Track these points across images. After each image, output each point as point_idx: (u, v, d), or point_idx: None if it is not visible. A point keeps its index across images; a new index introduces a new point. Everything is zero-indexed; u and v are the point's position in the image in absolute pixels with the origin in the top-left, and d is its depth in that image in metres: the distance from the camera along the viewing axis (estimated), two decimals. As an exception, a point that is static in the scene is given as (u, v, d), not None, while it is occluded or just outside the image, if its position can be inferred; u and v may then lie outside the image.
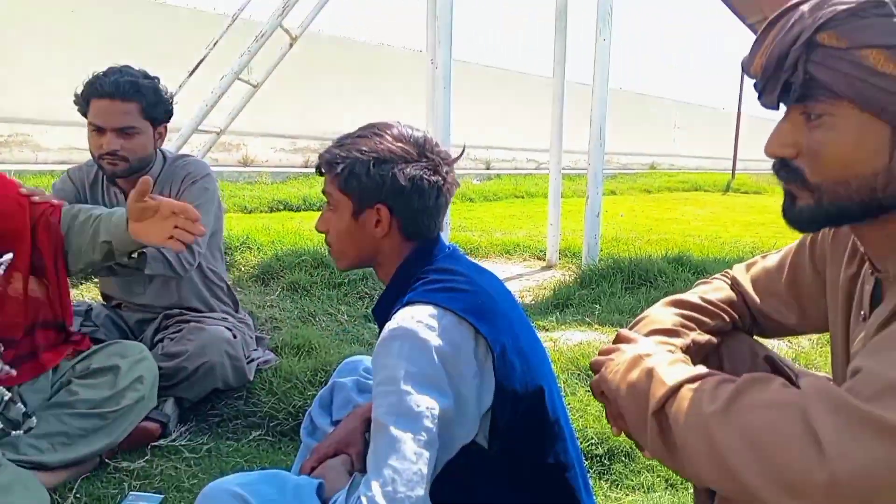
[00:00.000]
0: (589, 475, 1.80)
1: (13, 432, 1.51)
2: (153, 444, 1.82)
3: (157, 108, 1.99)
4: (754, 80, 0.86)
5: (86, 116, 1.97)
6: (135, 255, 1.74)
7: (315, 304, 3.09)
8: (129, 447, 1.78)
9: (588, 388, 2.23)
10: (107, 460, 1.72)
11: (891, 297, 0.84)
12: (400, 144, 1.17)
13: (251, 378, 2.08)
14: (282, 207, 6.96)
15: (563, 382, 2.20)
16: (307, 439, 1.53)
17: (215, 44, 4.32)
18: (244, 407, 2.00)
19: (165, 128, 2.08)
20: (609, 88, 4.11)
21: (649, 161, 19.23)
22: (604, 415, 1.03)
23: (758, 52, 0.85)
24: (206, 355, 1.93)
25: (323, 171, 1.22)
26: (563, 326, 2.91)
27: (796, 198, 0.86)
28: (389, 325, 1.08)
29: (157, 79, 2.04)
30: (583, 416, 1.99)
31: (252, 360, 2.13)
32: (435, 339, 1.05)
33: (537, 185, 10.12)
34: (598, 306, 3.21)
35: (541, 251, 4.66)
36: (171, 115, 2.07)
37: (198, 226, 1.55)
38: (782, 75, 0.80)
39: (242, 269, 3.55)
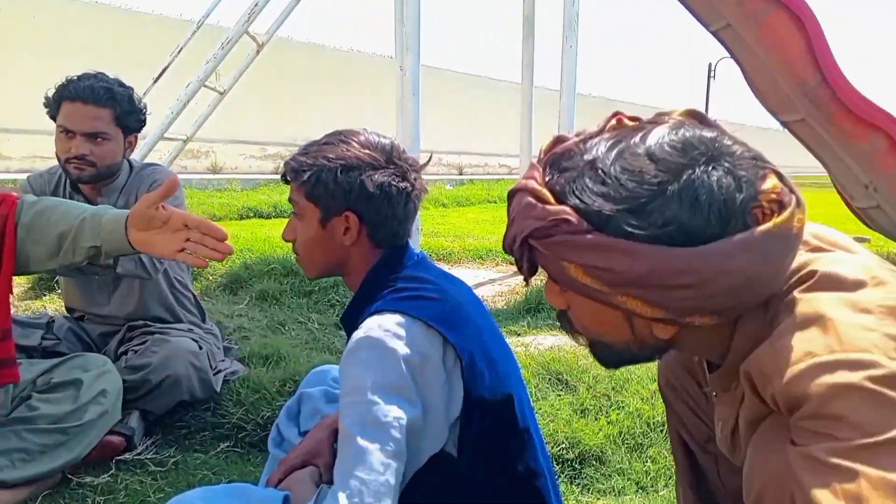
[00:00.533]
0: (559, 480, 1.81)
1: None
2: (118, 458, 1.78)
3: (129, 116, 1.97)
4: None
5: (54, 119, 1.93)
6: None
7: (285, 312, 3.06)
8: (93, 461, 1.73)
9: (559, 393, 2.25)
10: (69, 475, 1.68)
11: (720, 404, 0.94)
12: (367, 151, 1.17)
13: (218, 389, 2.05)
14: (252, 215, 6.89)
15: (535, 387, 2.21)
16: (275, 451, 1.51)
17: (180, 50, 4.27)
18: (211, 419, 1.97)
19: (136, 138, 2.05)
20: (577, 94, 4.16)
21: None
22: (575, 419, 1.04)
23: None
24: (171, 367, 1.90)
25: (289, 178, 1.21)
26: (534, 331, 2.93)
27: (597, 349, 0.91)
28: (357, 335, 1.07)
29: (132, 88, 2.02)
30: (553, 420, 2.00)
31: (219, 371, 2.10)
32: (402, 348, 1.04)
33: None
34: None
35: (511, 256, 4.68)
36: (144, 125, 2.04)
37: (227, 245, 1.40)
38: (520, 259, 0.85)
39: (210, 277, 3.50)
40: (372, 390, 1.00)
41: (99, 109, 1.91)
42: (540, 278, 1.08)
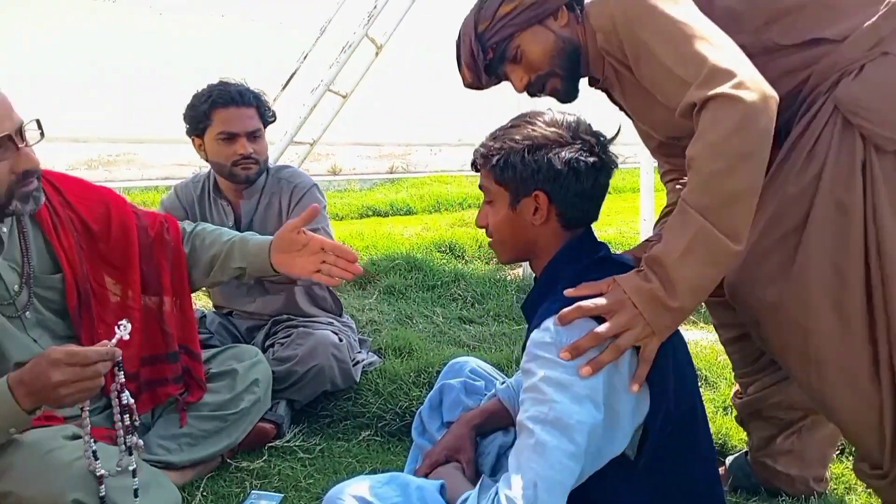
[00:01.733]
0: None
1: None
2: (269, 444, 1.89)
3: (267, 112, 2.12)
4: (476, 83, 1.54)
5: (199, 133, 2.06)
6: None
7: (411, 306, 3.13)
8: (247, 447, 1.85)
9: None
10: (228, 460, 1.80)
11: None
12: (553, 129, 1.16)
13: (357, 380, 2.13)
14: (371, 213, 7.09)
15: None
16: (419, 439, 1.55)
17: (305, 57, 4.45)
18: (352, 408, 2.05)
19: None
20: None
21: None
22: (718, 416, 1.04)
23: (463, 72, 1.54)
24: (315, 358, 1.99)
25: (479, 165, 1.23)
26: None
27: (557, 88, 1.49)
28: (541, 332, 1.06)
29: None
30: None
31: (357, 363, 2.18)
32: (592, 351, 1.03)
33: (624, 180, 9.86)
34: (703, 303, 3.08)
35: (634, 248, 4.53)
36: (275, 119, 2.16)
37: (357, 266, 1.56)
38: (487, 60, 1.47)
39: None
40: (556, 391, 1.00)
41: (250, 109, 2.05)
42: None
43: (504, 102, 3.70)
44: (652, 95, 1.31)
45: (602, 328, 1.04)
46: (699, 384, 2.19)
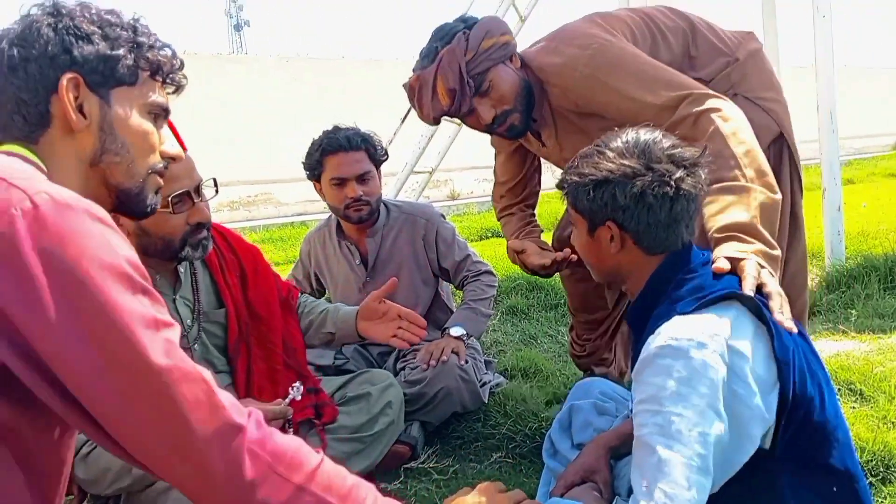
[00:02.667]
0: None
1: None
2: (405, 465, 1.95)
3: (377, 152, 2.22)
4: (448, 111, 1.77)
5: (316, 179, 2.22)
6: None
7: (535, 326, 3.13)
8: (383, 469, 1.92)
9: (852, 405, 1.99)
10: (367, 482, 1.87)
11: None
12: (622, 161, 1.14)
13: (486, 401, 2.16)
14: (490, 235, 7.15)
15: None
16: (550, 461, 1.54)
17: (420, 89, 4.62)
18: (483, 429, 2.07)
19: (380, 172, 2.29)
20: (834, 67, 3.69)
21: (890, 141, 16.76)
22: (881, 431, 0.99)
23: (437, 99, 1.74)
24: (443, 381, 2.04)
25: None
26: (812, 336, 2.63)
27: (514, 124, 1.78)
28: (656, 340, 1.03)
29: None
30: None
31: (485, 384, 2.21)
32: (709, 357, 0.99)
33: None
34: (853, 311, 2.85)
35: (772, 254, 4.27)
36: (387, 158, 2.27)
37: (422, 331, 1.78)
38: (466, 89, 1.72)
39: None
40: (674, 402, 0.96)
41: (358, 153, 2.17)
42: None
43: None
44: (586, 135, 1.65)
45: (747, 282, 1.11)
46: (854, 398, 2.03)
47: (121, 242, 0.79)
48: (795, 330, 1.08)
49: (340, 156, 2.15)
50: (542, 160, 2.13)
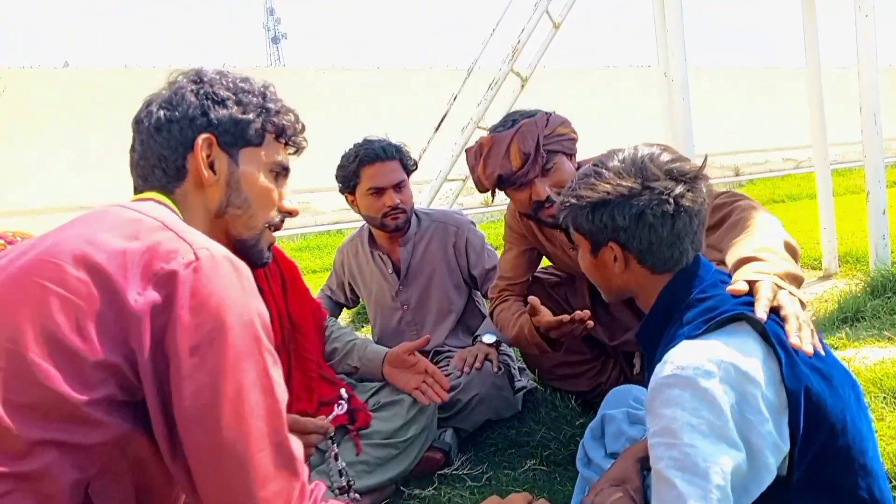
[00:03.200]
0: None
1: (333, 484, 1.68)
2: (439, 472, 1.96)
3: (409, 161, 2.26)
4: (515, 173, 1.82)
5: (351, 190, 2.25)
6: None
7: (571, 333, 3.10)
8: (418, 475, 1.93)
9: (898, 413, 1.93)
10: (401, 487, 1.89)
11: None
12: (619, 182, 1.13)
13: (519, 408, 2.15)
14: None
15: (865, 406, 1.93)
16: (584, 470, 1.53)
17: (455, 98, 4.65)
18: (517, 437, 2.07)
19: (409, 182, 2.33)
20: (878, 67, 3.60)
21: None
22: None
23: (511, 159, 1.81)
24: (477, 388, 2.05)
25: None
26: (855, 343, 2.56)
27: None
28: (664, 370, 1.01)
29: None
30: (892, 442, 1.72)
31: (518, 391, 2.21)
32: (717, 387, 0.96)
33: (799, 186, 9.10)
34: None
35: (815, 260, 4.16)
36: (416, 167, 2.31)
37: (445, 394, 1.84)
38: (538, 159, 1.79)
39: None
40: (688, 433, 0.94)
41: (393, 162, 2.21)
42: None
43: (653, 124, 3.60)
44: None
45: (760, 304, 1.07)
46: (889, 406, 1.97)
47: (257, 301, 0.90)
48: (811, 353, 1.03)
49: (378, 165, 2.19)
50: None
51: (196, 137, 1.01)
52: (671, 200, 1.10)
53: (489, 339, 2.16)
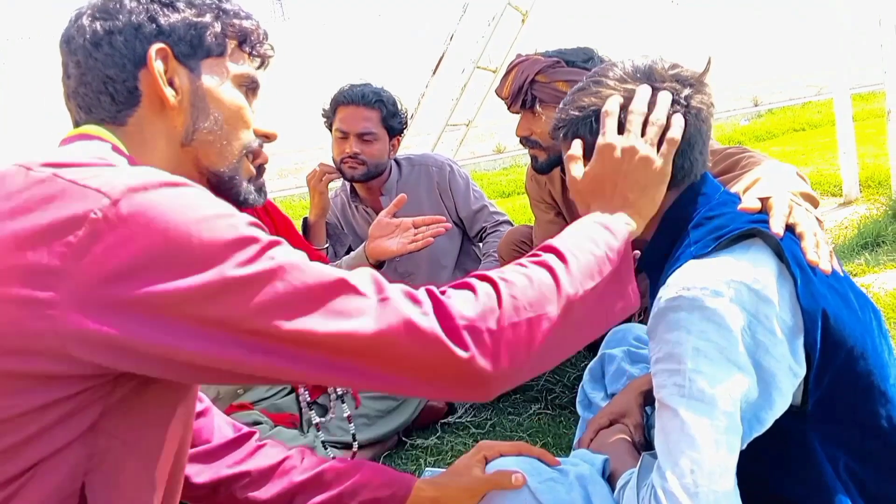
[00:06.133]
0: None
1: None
2: (442, 421, 1.93)
3: (394, 118, 2.15)
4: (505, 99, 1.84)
5: (331, 128, 2.17)
6: None
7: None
8: (421, 425, 1.90)
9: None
10: (404, 438, 1.86)
11: None
12: (625, 87, 1.01)
13: (523, 353, 2.10)
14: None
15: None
16: (584, 413, 1.49)
17: (452, 37, 4.48)
18: (521, 382, 2.02)
19: (399, 141, 2.22)
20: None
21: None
22: None
23: (504, 85, 1.83)
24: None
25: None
26: (875, 269, 2.46)
27: (537, 157, 1.83)
28: (668, 292, 0.91)
29: (395, 95, 2.20)
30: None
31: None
32: (726, 307, 0.87)
33: (821, 113, 8.77)
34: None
35: (835, 186, 4.00)
36: (406, 128, 2.21)
37: (447, 223, 1.74)
38: (520, 96, 1.78)
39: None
40: (693, 358, 0.86)
41: (368, 111, 2.10)
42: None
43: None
44: None
45: (776, 219, 0.99)
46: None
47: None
48: (830, 271, 0.94)
49: (351, 109, 2.11)
50: None
51: (147, 49, 0.82)
52: (682, 101, 1.00)
53: None
